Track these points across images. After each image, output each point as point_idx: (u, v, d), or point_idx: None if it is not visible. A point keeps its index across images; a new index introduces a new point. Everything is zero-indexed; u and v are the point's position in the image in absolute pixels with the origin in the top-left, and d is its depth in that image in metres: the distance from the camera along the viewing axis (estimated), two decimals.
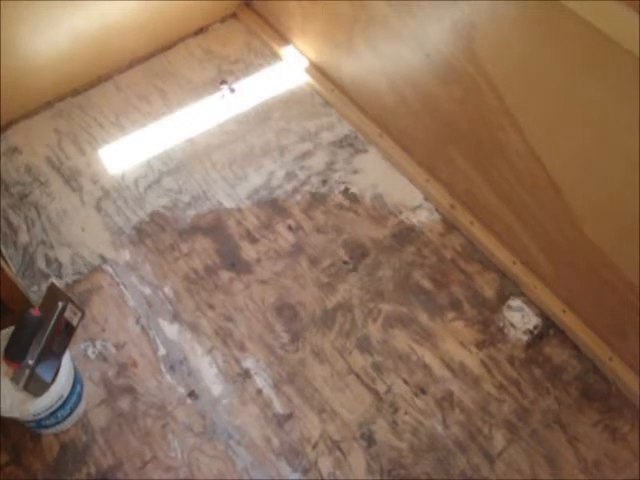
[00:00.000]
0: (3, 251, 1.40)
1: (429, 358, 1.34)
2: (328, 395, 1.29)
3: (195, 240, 1.48)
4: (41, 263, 1.43)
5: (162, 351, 1.33)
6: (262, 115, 1.70)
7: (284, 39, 1.83)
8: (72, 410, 1.18)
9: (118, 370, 1.30)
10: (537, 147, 1.20)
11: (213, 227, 1.51)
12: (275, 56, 1.82)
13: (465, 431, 1.26)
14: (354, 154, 1.64)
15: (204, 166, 1.60)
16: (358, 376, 1.31)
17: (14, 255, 1.44)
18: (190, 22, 1.82)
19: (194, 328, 1.36)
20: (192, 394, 1.28)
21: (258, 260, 1.46)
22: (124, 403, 1.26)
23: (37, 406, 1.09)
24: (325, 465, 1.21)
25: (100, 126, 1.66)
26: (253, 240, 1.49)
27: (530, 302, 1.42)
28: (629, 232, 1.11)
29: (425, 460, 1.22)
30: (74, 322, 1.13)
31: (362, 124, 1.66)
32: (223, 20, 1.89)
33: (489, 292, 1.43)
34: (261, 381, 1.30)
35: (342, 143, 1.65)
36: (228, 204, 1.54)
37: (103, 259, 1.44)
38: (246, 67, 1.80)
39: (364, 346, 1.35)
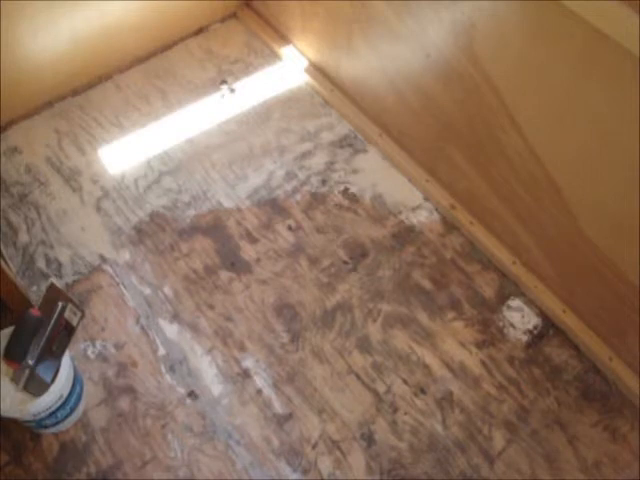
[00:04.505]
0: (3, 251, 1.40)
1: (429, 358, 1.34)
2: (328, 395, 1.29)
3: (195, 240, 1.48)
4: (41, 263, 1.43)
5: (162, 351, 1.33)
6: (262, 115, 1.70)
7: (284, 39, 1.82)
8: (72, 410, 1.18)
9: (118, 370, 1.30)
10: (537, 147, 1.20)
11: (213, 227, 1.51)
12: (275, 56, 1.82)
13: (465, 431, 1.26)
14: (354, 154, 1.64)
15: (204, 166, 1.61)
16: (358, 376, 1.31)
17: (14, 255, 1.44)
18: (190, 22, 1.82)
19: (194, 328, 1.36)
20: (192, 394, 1.28)
21: (258, 260, 1.46)
22: (124, 403, 1.26)
23: (37, 406, 1.09)
24: (325, 465, 1.21)
25: (100, 126, 1.66)
26: (253, 240, 1.49)
27: (530, 302, 1.42)
28: (629, 232, 1.11)
29: (425, 460, 1.22)
30: (74, 322, 1.13)
31: (362, 124, 1.66)
32: (223, 20, 1.89)
33: (489, 292, 1.43)
34: (261, 381, 1.30)
35: (342, 143, 1.65)
36: (228, 204, 1.54)
37: (103, 259, 1.44)
38: (246, 67, 1.80)
39: (364, 346, 1.35)
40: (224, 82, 1.76)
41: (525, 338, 1.37)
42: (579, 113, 1.07)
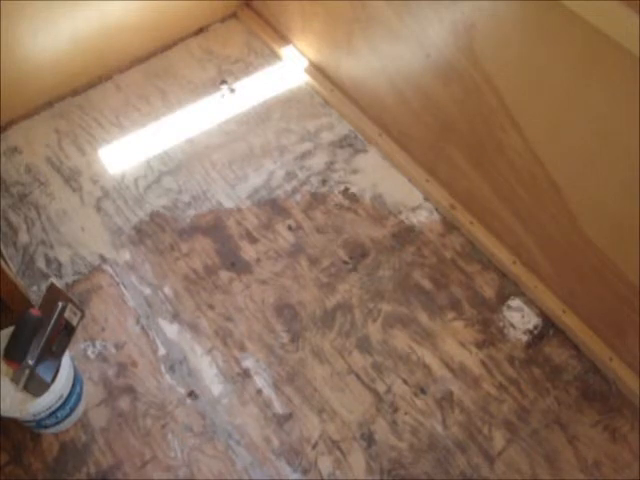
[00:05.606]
0: (3, 251, 1.40)
1: (429, 358, 1.34)
2: (328, 395, 1.29)
3: (195, 240, 1.48)
4: (41, 263, 1.43)
5: (162, 351, 1.33)
6: (262, 115, 1.70)
7: (284, 39, 1.82)
8: (72, 410, 1.18)
9: (118, 370, 1.30)
10: (537, 147, 1.20)
11: (213, 227, 1.51)
12: (275, 56, 1.82)
13: (465, 431, 1.26)
14: (354, 154, 1.64)
15: (204, 166, 1.61)
16: (358, 376, 1.31)
17: (14, 255, 1.44)
18: (190, 22, 1.82)
19: (194, 328, 1.36)
20: (192, 394, 1.28)
21: (258, 260, 1.46)
22: (124, 403, 1.26)
23: (37, 406, 1.09)
24: (325, 465, 1.21)
25: (100, 126, 1.66)
26: (253, 240, 1.49)
27: (530, 302, 1.42)
28: (629, 232, 1.11)
29: (425, 460, 1.22)
30: (74, 322, 1.13)
31: (362, 124, 1.66)
32: (223, 20, 1.89)
33: (489, 292, 1.43)
34: (261, 381, 1.30)
35: (342, 143, 1.65)
36: (228, 204, 1.54)
37: (103, 259, 1.44)
38: (246, 67, 1.80)
39: (364, 346, 1.35)
40: (224, 82, 1.76)
41: (525, 338, 1.37)
42: (579, 113, 1.07)
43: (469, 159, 1.40)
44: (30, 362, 1.06)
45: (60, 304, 1.11)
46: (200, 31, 1.86)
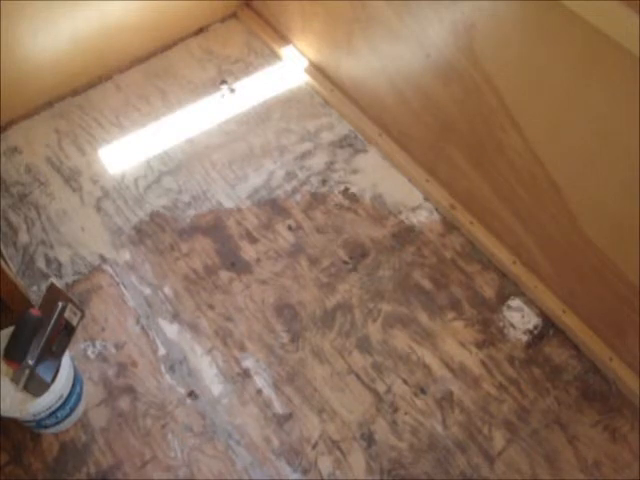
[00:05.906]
0: (3, 251, 1.40)
1: (429, 358, 1.34)
2: (328, 395, 1.29)
3: (195, 240, 1.48)
4: (41, 263, 1.43)
5: (162, 351, 1.33)
6: (262, 115, 1.70)
7: (284, 39, 1.82)
8: (72, 410, 1.18)
9: (118, 370, 1.30)
10: (537, 147, 1.20)
11: (213, 227, 1.51)
12: (275, 56, 1.82)
13: (465, 431, 1.26)
14: (354, 154, 1.64)
15: (204, 166, 1.61)
16: (358, 376, 1.31)
17: (14, 255, 1.44)
18: (190, 22, 1.82)
19: (194, 328, 1.36)
20: (192, 394, 1.28)
21: (258, 260, 1.46)
22: (124, 403, 1.26)
23: (37, 406, 1.09)
24: (325, 465, 1.21)
25: (100, 126, 1.66)
26: (253, 240, 1.49)
27: (530, 302, 1.42)
28: (629, 232, 1.11)
29: (425, 460, 1.22)
30: (74, 322, 1.13)
31: (362, 124, 1.66)
32: (223, 20, 1.89)
33: (489, 292, 1.43)
34: (261, 381, 1.30)
35: (342, 143, 1.65)
36: (228, 204, 1.54)
37: (103, 259, 1.44)
38: (246, 67, 1.80)
39: (364, 346, 1.35)
40: (224, 82, 1.76)
41: (525, 338, 1.37)
42: (579, 113, 1.07)
43: (469, 159, 1.40)
44: (30, 362, 1.06)
45: (60, 304, 1.11)
46: (200, 31, 1.86)
